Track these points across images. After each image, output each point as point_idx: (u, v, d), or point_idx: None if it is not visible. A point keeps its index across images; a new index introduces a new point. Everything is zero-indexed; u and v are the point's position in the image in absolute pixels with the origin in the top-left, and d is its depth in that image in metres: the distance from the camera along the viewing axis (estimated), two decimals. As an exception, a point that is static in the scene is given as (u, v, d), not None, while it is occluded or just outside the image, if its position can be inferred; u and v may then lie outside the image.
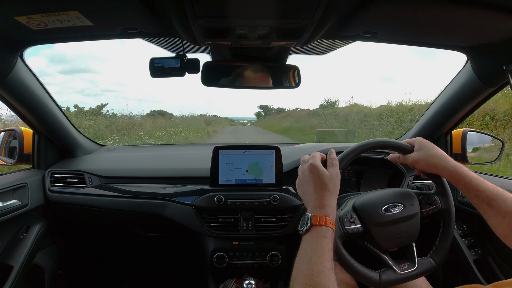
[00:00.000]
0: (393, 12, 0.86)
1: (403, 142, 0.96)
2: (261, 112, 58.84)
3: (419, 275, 0.91)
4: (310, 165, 0.81)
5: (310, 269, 0.63)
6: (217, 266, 1.34)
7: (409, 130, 1.68)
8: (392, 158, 0.99)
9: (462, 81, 1.27)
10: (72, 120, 1.54)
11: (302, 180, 0.82)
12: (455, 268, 1.38)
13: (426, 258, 0.93)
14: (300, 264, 0.66)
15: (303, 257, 0.67)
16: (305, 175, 0.82)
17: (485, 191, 0.78)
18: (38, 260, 1.42)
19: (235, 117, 73.81)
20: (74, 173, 1.48)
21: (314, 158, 0.83)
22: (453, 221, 0.94)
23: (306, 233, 0.72)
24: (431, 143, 0.91)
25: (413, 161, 0.91)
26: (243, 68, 1.25)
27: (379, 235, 0.90)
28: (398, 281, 0.88)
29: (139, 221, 1.50)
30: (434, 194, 0.96)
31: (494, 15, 0.82)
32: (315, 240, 0.69)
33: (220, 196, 1.31)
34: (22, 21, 0.85)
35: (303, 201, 0.83)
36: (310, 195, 0.79)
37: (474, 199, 0.80)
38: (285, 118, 27.93)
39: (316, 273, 0.62)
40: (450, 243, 0.93)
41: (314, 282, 0.60)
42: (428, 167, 0.89)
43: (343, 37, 1.08)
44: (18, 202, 1.27)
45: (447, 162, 0.86)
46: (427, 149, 0.90)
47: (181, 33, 1.01)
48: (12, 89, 1.18)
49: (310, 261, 0.65)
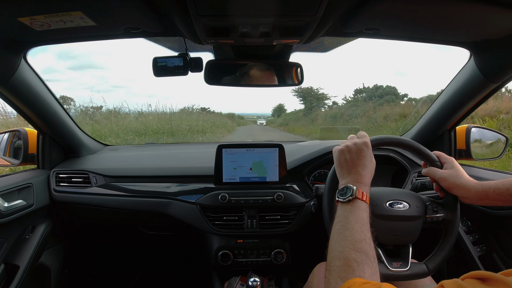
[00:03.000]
0: (395, 8, 0.85)
1: (433, 153, 0.97)
2: (276, 110, 51.36)
3: (408, 278, 0.91)
4: (366, 143, 0.85)
5: (353, 236, 0.65)
6: (222, 264, 1.34)
7: (413, 127, 1.68)
8: (425, 172, 0.98)
9: (465, 77, 1.26)
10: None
11: (354, 151, 0.84)
12: (460, 264, 1.38)
13: (420, 263, 0.93)
14: (342, 230, 0.68)
15: (345, 224, 0.69)
16: (357, 148, 0.84)
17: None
18: (44, 260, 1.43)
19: (244, 114, 65.07)
20: (79, 172, 1.49)
21: (368, 138, 0.88)
22: (455, 233, 0.95)
23: (347, 202, 0.74)
24: (459, 166, 0.93)
25: (441, 177, 0.92)
26: (246, 66, 1.25)
27: (378, 228, 0.90)
28: (385, 277, 0.89)
29: (144, 220, 1.51)
30: (442, 204, 0.96)
31: (498, 11, 0.82)
32: (356, 211, 0.72)
33: (224, 194, 1.31)
34: (26, 22, 0.85)
35: (341, 169, 0.85)
36: (354, 168, 0.82)
37: (510, 200, 0.81)
38: (316, 120, 22.94)
39: (358, 240, 0.64)
40: (447, 254, 0.93)
41: (357, 247, 0.63)
42: (454, 186, 0.90)
43: (345, 34, 1.08)
44: (23, 202, 1.28)
45: (470, 183, 0.87)
46: (458, 170, 0.91)
47: (184, 32, 1.01)
48: (16, 90, 1.19)
49: (352, 229, 0.67)
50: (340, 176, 0.84)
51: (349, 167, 0.82)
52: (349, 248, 0.63)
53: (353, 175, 0.80)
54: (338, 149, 0.88)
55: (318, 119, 22.48)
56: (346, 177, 0.81)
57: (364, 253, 0.61)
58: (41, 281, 1.45)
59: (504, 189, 0.81)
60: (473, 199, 0.87)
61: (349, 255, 0.61)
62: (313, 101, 30.63)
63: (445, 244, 0.94)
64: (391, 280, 0.92)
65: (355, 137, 0.89)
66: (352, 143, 0.85)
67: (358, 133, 0.90)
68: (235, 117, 36.34)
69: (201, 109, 22.08)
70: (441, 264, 0.93)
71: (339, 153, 0.86)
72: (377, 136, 0.97)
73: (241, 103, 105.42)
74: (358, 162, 0.82)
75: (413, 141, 0.98)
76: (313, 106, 29.58)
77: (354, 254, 0.61)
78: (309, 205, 1.35)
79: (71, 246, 1.66)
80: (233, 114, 35.98)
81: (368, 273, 0.58)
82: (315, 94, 31.69)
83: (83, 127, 1.65)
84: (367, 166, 0.82)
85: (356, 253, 0.61)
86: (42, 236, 1.35)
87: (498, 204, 0.84)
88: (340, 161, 0.86)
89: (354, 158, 0.83)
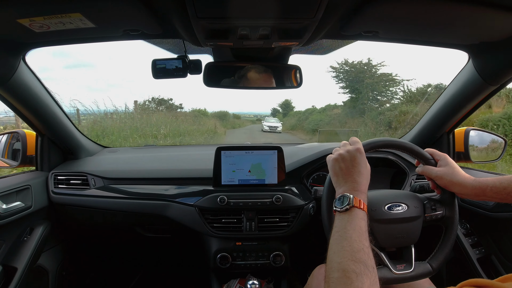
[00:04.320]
0: (394, 11, 0.86)
1: (426, 151, 0.97)
2: (279, 109, 42.64)
3: (413, 279, 0.91)
4: (359, 149, 0.84)
5: (351, 246, 0.65)
6: (221, 266, 1.34)
7: (411, 129, 1.68)
8: (420, 171, 0.98)
9: (464, 80, 1.26)
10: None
11: (348, 159, 0.84)
12: (458, 267, 1.38)
13: (423, 263, 0.93)
14: (340, 240, 0.68)
15: (343, 234, 0.69)
16: (351, 155, 0.83)
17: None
18: (42, 262, 1.43)
19: (240, 112, 49.90)
20: (77, 174, 1.49)
21: (361, 144, 0.87)
22: (455, 229, 0.95)
23: (345, 212, 0.74)
24: (454, 162, 0.93)
25: (437, 176, 0.92)
26: (245, 68, 1.25)
27: (379, 232, 0.91)
28: (391, 281, 0.89)
29: (142, 222, 1.51)
30: (439, 201, 0.96)
31: (496, 13, 0.82)
32: (354, 220, 0.72)
33: (223, 197, 1.31)
34: (25, 24, 0.85)
35: (337, 178, 0.85)
36: (350, 176, 0.81)
37: (508, 198, 0.82)
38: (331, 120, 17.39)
39: (356, 250, 0.64)
40: (449, 251, 0.93)
41: (355, 257, 0.62)
42: (451, 184, 0.90)
43: (344, 37, 1.08)
44: (21, 204, 1.27)
45: (467, 179, 0.88)
46: (453, 166, 0.91)
47: (183, 34, 1.01)
48: (15, 92, 1.19)
49: (350, 238, 0.67)
50: (337, 185, 0.84)
51: (345, 175, 0.82)
52: (347, 258, 0.62)
53: (350, 183, 0.80)
54: (332, 158, 0.87)
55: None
56: (343, 186, 0.81)
57: (363, 263, 0.61)
58: (39, 283, 1.44)
59: (502, 187, 0.81)
60: (470, 195, 0.87)
61: (348, 266, 0.61)
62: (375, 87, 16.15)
63: (446, 241, 0.94)
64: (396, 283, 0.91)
65: (347, 144, 0.88)
66: (345, 150, 0.85)
67: (350, 139, 0.89)
68: (229, 116, 29.47)
69: (165, 107, 16.85)
70: (444, 261, 0.93)
71: (333, 162, 0.86)
72: (369, 140, 0.96)
73: (238, 99, 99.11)
74: (353, 169, 0.82)
75: (405, 141, 0.98)
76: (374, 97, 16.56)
77: (353, 265, 0.61)
78: (308, 207, 1.35)
79: (69, 248, 1.66)
80: (225, 113, 28.81)
81: (367, 283, 0.58)
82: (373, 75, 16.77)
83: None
84: (362, 173, 0.82)
85: (355, 264, 0.61)
86: (40, 238, 1.35)
87: (495, 200, 0.86)
88: (335, 170, 0.85)
89: (349, 166, 0.82)
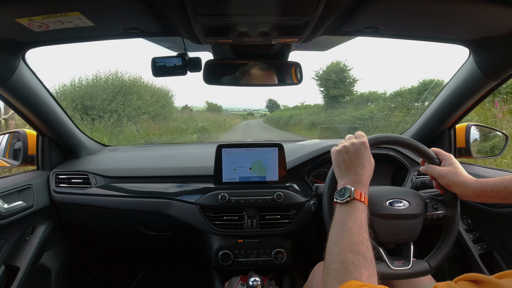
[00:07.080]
0: (394, 6, 0.85)
1: (431, 150, 0.97)
2: (270, 105, 43.82)
3: (410, 276, 0.91)
4: (364, 143, 0.84)
5: (351, 238, 0.66)
6: (222, 263, 1.34)
7: (412, 125, 1.68)
8: (424, 169, 0.98)
9: (464, 75, 1.26)
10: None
11: (352, 151, 0.84)
12: (460, 263, 1.38)
13: (421, 261, 0.93)
14: (340, 232, 0.69)
15: (343, 226, 0.70)
16: (355, 148, 0.84)
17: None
18: (45, 261, 1.43)
19: (227, 107, 50.03)
20: (78, 173, 1.49)
21: (366, 138, 0.87)
22: (456, 230, 0.95)
23: (345, 204, 0.74)
24: (458, 162, 0.92)
25: (439, 174, 0.92)
26: (245, 65, 1.25)
27: (379, 227, 0.91)
28: (388, 276, 0.89)
29: (144, 220, 1.51)
30: (442, 201, 0.96)
31: (497, 8, 0.82)
32: (354, 212, 0.72)
33: (224, 194, 1.31)
34: (24, 23, 0.85)
35: (339, 170, 0.85)
36: (352, 168, 0.82)
37: (509, 197, 0.81)
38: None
39: (356, 242, 0.64)
40: (449, 251, 0.93)
41: (355, 249, 0.63)
42: (452, 184, 0.89)
43: (344, 33, 1.07)
44: (23, 204, 1.27)
45: (468, 180, 0.87)
46: (456, 167, 0.91)
47: (182, 32, 1.01)
48: (15, 91, 1.19)
49: (350, 230, 0.67)
50: (339, 177, 0.84)
51: (348, 167, 0.82)
52: (346, 250, 0.63)
53: (352, 175, 0.80)
54: (336, 150, 0.87)
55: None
56: (345, 178, 0.81)
57: (362, 255, 0.61)
58: (41, 282, 1.45)
59: (502, 187, 0.81)
60: (471, 196, 0.87)
61: (346, 257, 0.61)
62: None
63: (446, 241, 0.94)
64: (393, 279, 0.92)
65: (352, 137, 0.88)
66: (350, 143, 0.85)
67: (356, 133, 0.89)
68: (217, 110, 26.41)
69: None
70: (443, 261, 0.93)
71: (337, 153, 0.86)
72: (375, 135, 0.97)
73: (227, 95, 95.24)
74: (356, 162, 0.82)
75: (411, 139, 0.98)
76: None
77: (352, 256, 0.61)
78: (309, 204, 1.35)
79: (71, 247, 1.66)
80: (215, 105, 26.86)
81: (365, 275, 0.58)
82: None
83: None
84: (365, 166, 0.82)
85: (354, 256, 0.61)
86: (42, 237, 1.35)
87: (496, 201, 0.84)
88: (338, 162, 0.85)
89: (352, 159, 0.83)
